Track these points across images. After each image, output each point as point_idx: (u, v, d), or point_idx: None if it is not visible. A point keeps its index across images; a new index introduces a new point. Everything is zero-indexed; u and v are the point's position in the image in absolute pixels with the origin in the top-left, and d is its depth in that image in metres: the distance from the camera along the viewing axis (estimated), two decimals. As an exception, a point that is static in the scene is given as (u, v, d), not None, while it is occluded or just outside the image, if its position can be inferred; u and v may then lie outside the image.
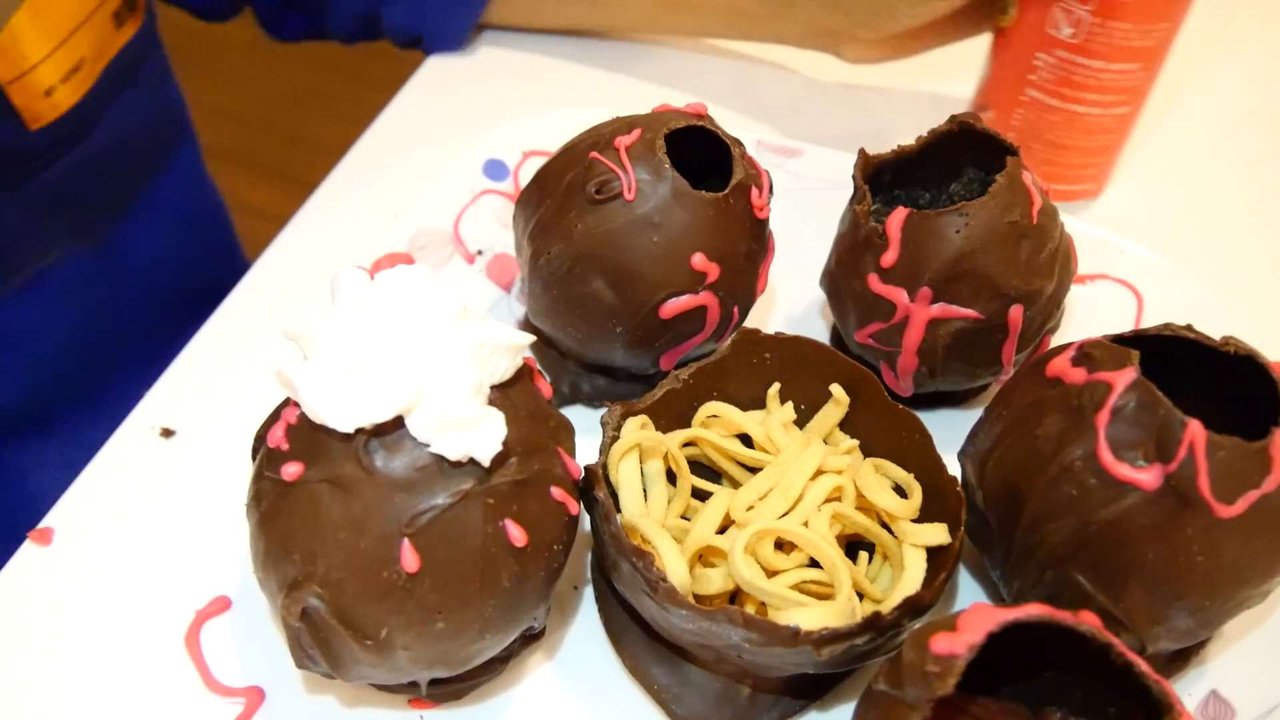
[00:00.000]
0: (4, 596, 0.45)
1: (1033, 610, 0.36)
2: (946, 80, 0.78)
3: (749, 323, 0.52)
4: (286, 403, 0.39)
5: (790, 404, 0.49)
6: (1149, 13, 0.58)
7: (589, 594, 0.48)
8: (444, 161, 0.62)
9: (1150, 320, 0.57)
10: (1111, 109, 0.63)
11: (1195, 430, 0.38)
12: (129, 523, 0.49)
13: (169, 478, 0.50)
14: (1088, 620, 0.37)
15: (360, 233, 0.61)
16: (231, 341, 0.56)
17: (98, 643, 0.44)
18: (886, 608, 0.40)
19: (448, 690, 0.43)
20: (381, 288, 0.37)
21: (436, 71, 0.74)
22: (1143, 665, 0.36)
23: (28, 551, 0.47)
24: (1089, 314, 0.58)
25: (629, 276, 0.48)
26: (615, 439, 0.45)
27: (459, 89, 0.73)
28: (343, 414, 0.35)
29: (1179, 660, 0.46)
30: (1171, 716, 0.35)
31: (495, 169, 0.62)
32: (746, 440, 0.48)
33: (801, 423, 0.49)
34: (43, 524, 0.49)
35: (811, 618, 0.40)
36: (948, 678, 0.35)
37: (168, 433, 0.53)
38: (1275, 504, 0.39)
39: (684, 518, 0.47)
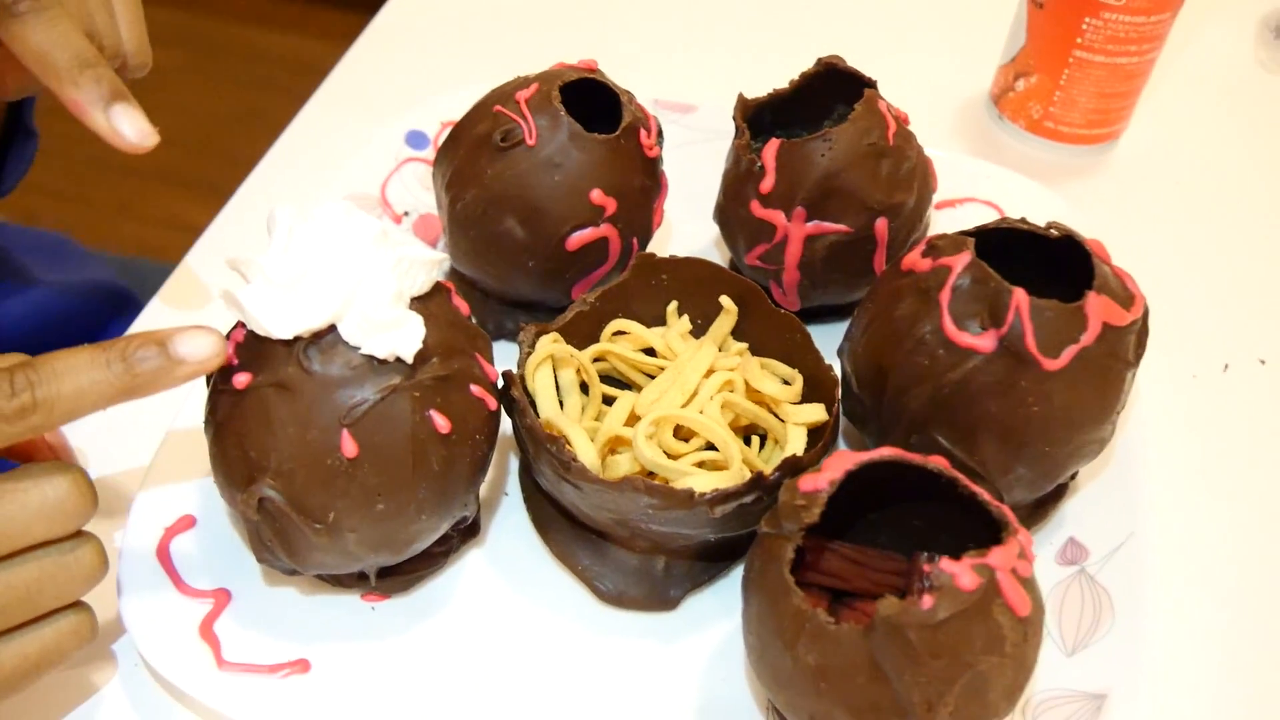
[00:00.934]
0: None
1: (885, 452, 0.43)
2: (832, 39, 0.85)
3: (649, 253, 0.58)
4: (235, 326, 0.45)
5: (686, 317, 0.55)
6: None
7: (517, 499, 0.54)
8: (369, 134, 0.68)
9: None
10: (1147, 55, 0.71)
11: (1020, 297, 0.45)
12: (97, 459, 0.54)
13: (132, 417, 0.55)
14: (936, 462, 0.43)
15: (296, 199, 0.66)
16: (180, 300, 0.62)
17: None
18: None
19: (395, 583, 0.49)
20: (311, 219, 0.43)
21: (361, 56, 0.80)
22: (984, 494, 0.42)
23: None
24: (955, 230, 0.65)
25: (536, 213, 0.54)
26: (530, 353, 0.51)
27: (380, 70, 0.79)
28: (283, 323, 0.41)
29: (1039, 511, 0.52)
30: (1009, 531, 0.41)
31: (416, 139, 0.68)
32: (650, 353, 0.54)
33: (698, 334, 0.55)
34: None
35: (704, 481, 0.46)
36: (814, 508, 0.41)
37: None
38: (1093, 355, 0.45)
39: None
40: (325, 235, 0.42)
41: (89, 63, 0.45)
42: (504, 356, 0.54)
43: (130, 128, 0.47)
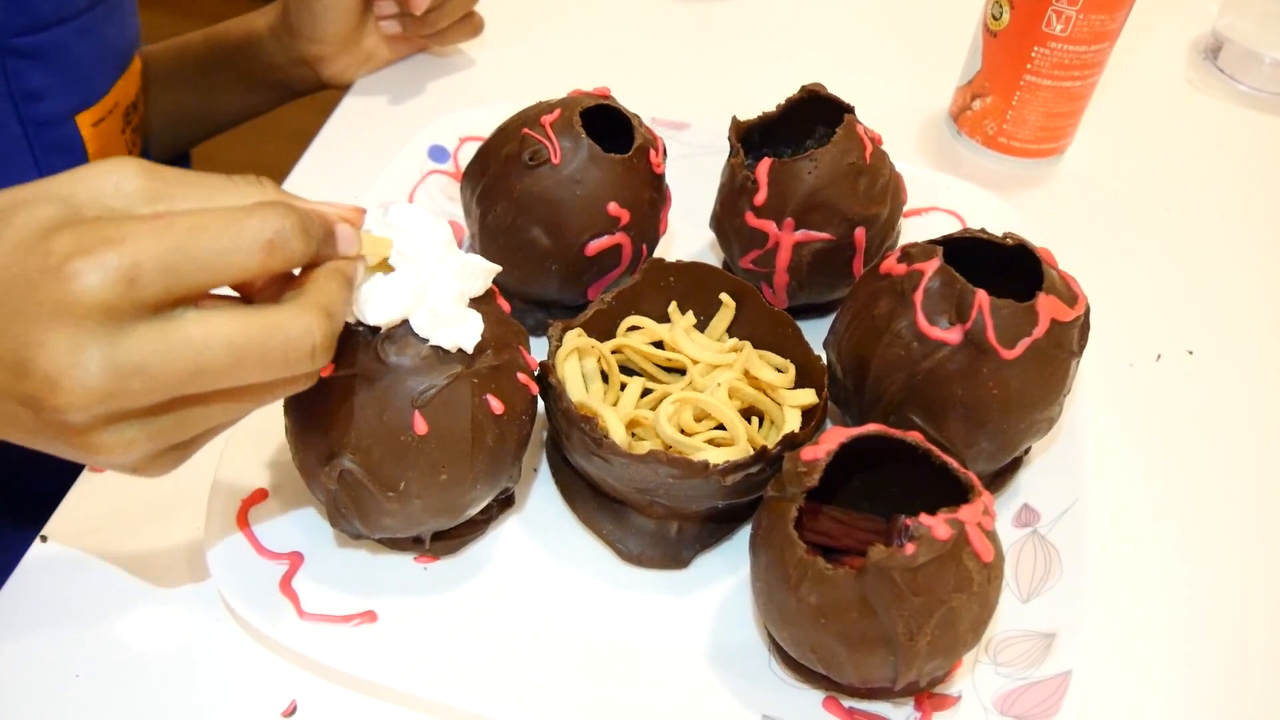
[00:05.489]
0: (95, 497, 0.58)
1: (872, 428, 0.51)
2: (808, 64, 0.93)
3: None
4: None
5: (690, 313, 0.63)
6: (1116, 2, 0.75)
7: (546, 475, 0.61)
8: (395, 149, 0.75)
9: (972, 239, 0.72)
10: (1088, 79, 0.80)
11: (982, 297, 0.53)
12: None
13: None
14: (913, 436, 0.51)
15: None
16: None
17: (170, 531, 0.57)
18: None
19: (445, 545, 0.56)
20: (388, 220, 0.49)
21: (375, 79, 0.87)
22: (953, 463, 0.50)
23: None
24: (921, 236, 0.73)
25: (559, 224, 0.61)
26: (559, 346, 0.58)
27: (398, 92, 0.86)
28: (366, 315, 0.48)
29: (998, 481, 0.61)
30: (974, 493, 0.49)
31: (438, 153, 0.75)
32: (659, 345, 0.62)
33: (701, 328, 0.63)
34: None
35: (716, 455, 0.53)
36: (814, 474, 0.49)
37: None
38: (1042, 346, 0.53)
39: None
40: (400, 238, 0.49)
41: None
42: (529, 349, 0.61)
43: None
